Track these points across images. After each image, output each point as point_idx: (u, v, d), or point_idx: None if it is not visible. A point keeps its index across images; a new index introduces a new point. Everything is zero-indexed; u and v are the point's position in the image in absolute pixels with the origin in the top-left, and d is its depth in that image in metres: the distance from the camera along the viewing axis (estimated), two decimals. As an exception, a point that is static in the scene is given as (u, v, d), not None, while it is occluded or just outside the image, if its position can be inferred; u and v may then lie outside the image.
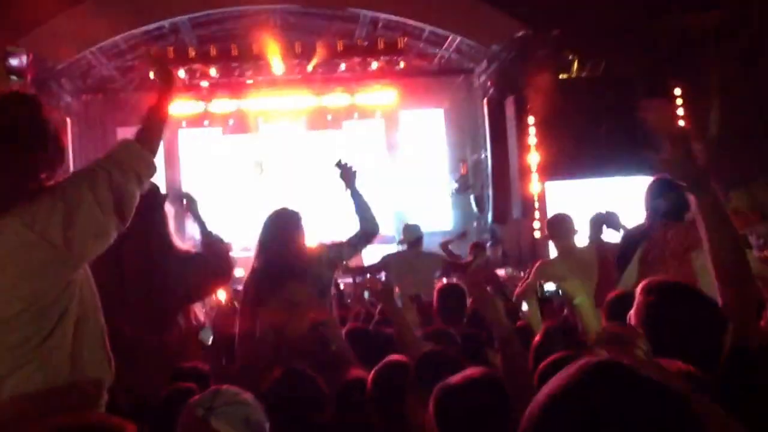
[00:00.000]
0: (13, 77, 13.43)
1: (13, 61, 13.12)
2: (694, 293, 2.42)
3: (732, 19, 12.47)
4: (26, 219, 2.18)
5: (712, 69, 13.13)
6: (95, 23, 13.25)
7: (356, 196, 4.59)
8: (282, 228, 4.32)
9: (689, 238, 3.82)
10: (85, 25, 13.23)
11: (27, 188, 2.29)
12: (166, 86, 2.81)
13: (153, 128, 2.65)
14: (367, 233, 4.54)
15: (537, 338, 3.46)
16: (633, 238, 4.45)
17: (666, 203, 4.17)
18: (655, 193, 4.34)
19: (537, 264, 5.79)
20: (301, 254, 4.25)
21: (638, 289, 2.46)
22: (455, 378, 2.14)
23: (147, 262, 3.76)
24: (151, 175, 2.53)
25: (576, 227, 5.76)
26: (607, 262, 4.63)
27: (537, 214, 14.30)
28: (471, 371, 2.21)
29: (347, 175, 4.59)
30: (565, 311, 5.25)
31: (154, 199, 3.72)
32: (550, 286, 4.13)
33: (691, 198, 2.45)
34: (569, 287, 5.13)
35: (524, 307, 5.17)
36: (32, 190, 2.28)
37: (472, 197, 16.49)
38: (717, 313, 2.33)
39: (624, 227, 5.02)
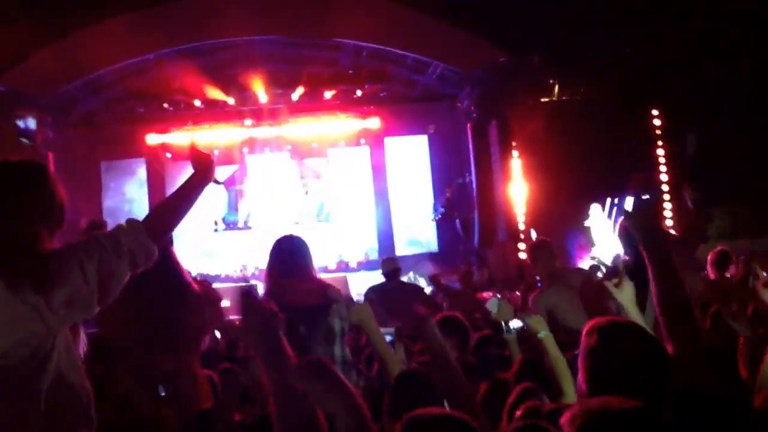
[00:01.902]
0: (24, 140, 13.50)
1: (23, 124, 13.17)
2: (636, 331, 2.42)
3: (704, 45, 12.66)
4: (9, 280, 2.20)
5: (688, 93, 13.32)
6: (79, 57, 13.32)
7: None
8: (294, 249, 4.38)
9: None
10: (68, 59, 13.30)
11: (27, 254, 2.30)
12: (201, 177, 2.76)
13: (166, 216, 2.63)
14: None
15: (512, 370, 3.50)
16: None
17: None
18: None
19: (531, 297, 5.79)
20: (318, 282, 4.32)
21: (586, 329, 2.47)
22: (426, 411, 2.11)
23: (168, 298, 3.75)
24: (149, 262, 2.48)
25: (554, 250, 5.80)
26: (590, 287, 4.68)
27: (522, 237, 14.41)
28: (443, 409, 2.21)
29: None
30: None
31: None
32: (516, 323, 4.13)
33: (642, 251, 2.56)
34: (564, 308, 5.16)
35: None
36: (31, 256, 2.30)
37: (457, 221, 16.55)
38: (661, 351, 2.35)
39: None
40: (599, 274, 7.42)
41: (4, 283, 2.19)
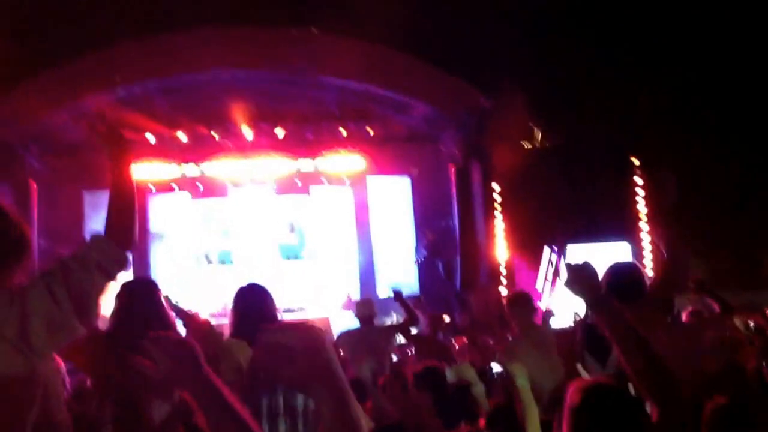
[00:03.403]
0: None
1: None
2: (619, 393, 2.45)
3: (685, 96, 12.90)
4: None
5: (668, 142, 13.52)
6: (64, 87, 13.35)
7: None
8: (258, 301, 4.37)
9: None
10: (54, 89, 13.33)
11: None
12: (119, 160, 2.66)
13: (118, 217, 2.57)
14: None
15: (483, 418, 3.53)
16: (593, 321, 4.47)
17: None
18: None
19: (502, 348, 5.75)
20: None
21: (570, 389, 2.49)
22: None
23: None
24: (122, 268, 2.47)
25: (534, 304, 5.78)
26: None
27: (504, 281, 14.46)
28: None
29: None
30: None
31: (147, 288, 3.69)
32: (497, 367, 4.16)
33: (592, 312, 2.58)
34: (531, 363, 5.15)
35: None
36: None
37: (439, 263, 16.57)
38: (642, 414, 2.39)
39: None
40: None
41: None
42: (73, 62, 13.40)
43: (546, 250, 14.48)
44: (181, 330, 4.46)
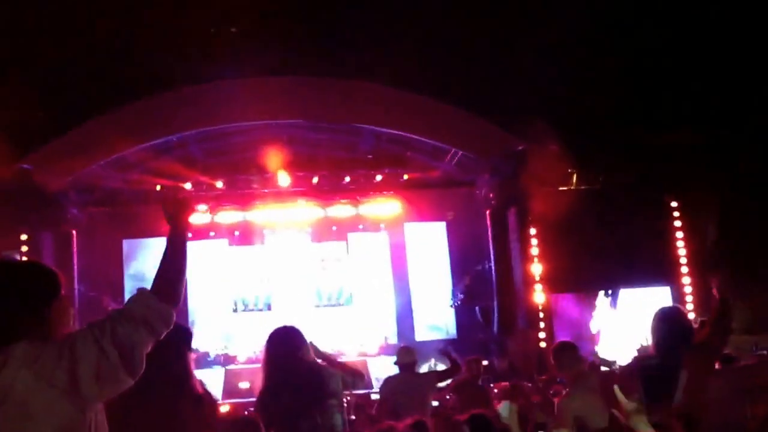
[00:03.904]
0: None
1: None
2: None
3: (723, 136, 12.78)
4: (35, 369, 2.25)
5: (706, 183, 13.38)
6: (104, 139, 13.61)
7: (327, 361, 4.70)
8: (289, 345, 4.40)
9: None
10: (93, 141, 13.59)
11: (45, 342, 2.36)
12: (178, 223, 2.73)
13: (167, 277, 2.63)
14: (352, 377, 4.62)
15: None
16: (649, 364, 4.42)
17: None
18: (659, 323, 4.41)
19: (558, 402, 5.70)
20: (307, 369, 4.33)
21: None
22: None
23: (159, 401, 3.76)
24: (167, 326, 2.52)
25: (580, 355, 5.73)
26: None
27: (542, 324, 14.31)
28: None
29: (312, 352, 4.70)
30: None
31: (174, 336, 3.74)
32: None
33: None
34: (589, 411, 5.10)
35: None
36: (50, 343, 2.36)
37: (477, 308, 16.47)
38: None
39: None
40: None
41: (31, 373, 2.24)
42: (111, 113, 13.66)
43: (601, 294, 14.44)
44: None
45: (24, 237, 13.85)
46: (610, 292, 14.74)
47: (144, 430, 3.54)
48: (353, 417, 8.38)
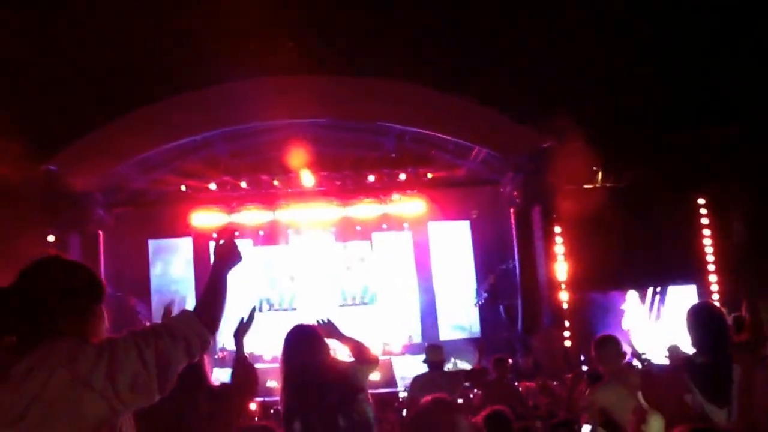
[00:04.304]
0: None
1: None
2: None
3: (752, 130, 12.61)
4: (73, 369, 2.26)
5: (734, 179, 13.22)
6: (128, 139, 13.70)
7: (344, 341, 4.65)
8: (305, 343, 4.40)
9: None
10: (118, 141, 13.68)
11: (86, 343, 2.38)
12: (227, 261, 2.87)
13: (208, 306, 2.69)
14: (364, 363, 4.57)
15: None
16: (697, 363, 4.39)
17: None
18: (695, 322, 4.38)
19: (589, 392, 5.67)
20: (331, 367, 4.33)
21: None
22: None
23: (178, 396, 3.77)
24: (204, 349, 2.57)
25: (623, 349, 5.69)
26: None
27: (567, 323, 14.23)
28: None
29: (328, 331, 4.65)
30: None
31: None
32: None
33: None
34: (621, 407, 5.06)
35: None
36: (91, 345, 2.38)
37: (501, 307, 16.41)
38: None
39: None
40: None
41: (68, 372, 2.25)
42: (136, 113, 13.73)
43: (649, 291, 14.34)
44: None
45: (51, 238, 13.96)
46: (658, 289, 14.59)
47: (165, 424, 3.55)
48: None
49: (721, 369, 4.11)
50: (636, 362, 8.15)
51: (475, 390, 9.15)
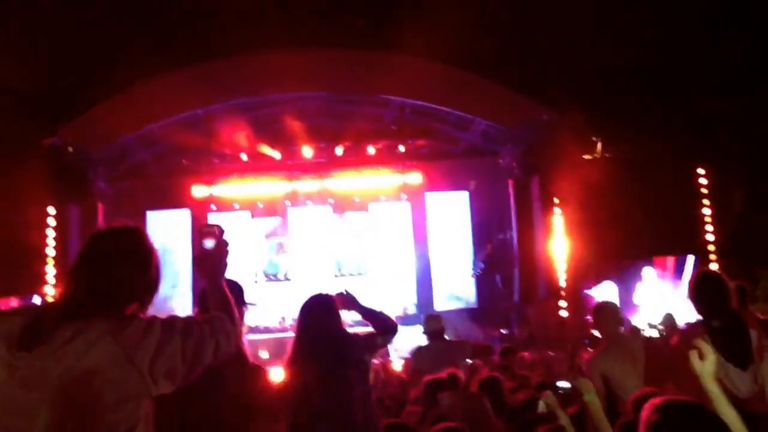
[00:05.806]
0: None
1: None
2: (703, 413, 2.36)
3: (753, 103, 12.58)
4: (120, 341, 2.27)
5: (735, 152, 13.21)
6: (131, 112, 13.69)
7: (363, 312, 4.65)
8: (321, 313, 4.43)
9: None
10: (121, 115, 13.66)
11: (124, 301, 2.42)
12: (217, 272, 2.77)
13: (221, 304, 2.66)
14: (386, 333, 4.59)
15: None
16: (714, 326, 4.44)
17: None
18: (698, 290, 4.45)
19: (587, 358, 5.68)
20: (344, 337, 4.36)
21: (646, 406, 2.41)
22: None
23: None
24: (228, 352, 2.54)
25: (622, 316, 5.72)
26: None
27: (563, 294, 14.29)
28: None
29: (348, 302, 4.65)
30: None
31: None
32: (563, 384, 4.13)
33: None
34: (619, 373, 5.09)
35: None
36: (127, 305, 2.41)
37: (498, 277, 16.48)
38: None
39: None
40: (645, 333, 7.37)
41: (116, 342, 2.26)
42: (138, 87, 13.68)
43: (690, 259, 14.36)
44: None
45: (51, 209, 13.99)
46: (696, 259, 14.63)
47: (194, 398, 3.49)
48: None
49: (738, 330, 4.19)
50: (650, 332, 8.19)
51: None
